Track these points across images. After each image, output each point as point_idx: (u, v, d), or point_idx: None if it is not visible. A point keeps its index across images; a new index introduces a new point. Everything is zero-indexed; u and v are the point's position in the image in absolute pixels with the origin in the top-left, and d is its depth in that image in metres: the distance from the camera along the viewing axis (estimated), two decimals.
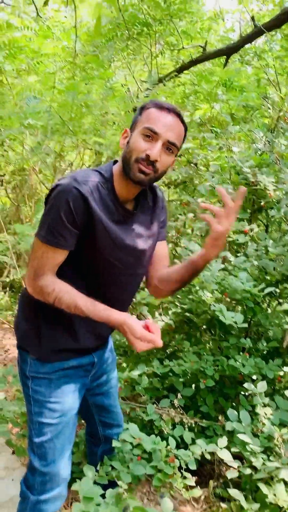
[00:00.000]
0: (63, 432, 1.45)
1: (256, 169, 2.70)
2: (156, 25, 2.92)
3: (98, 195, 1.32)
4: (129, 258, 1.42)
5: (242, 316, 2.02)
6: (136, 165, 1.28)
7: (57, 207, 1.27)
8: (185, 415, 2.22)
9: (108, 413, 1.73)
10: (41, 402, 1.42)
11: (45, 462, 1.42)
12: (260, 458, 1.79)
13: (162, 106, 1.30)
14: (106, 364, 1.66)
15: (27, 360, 1.43)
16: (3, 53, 2.62)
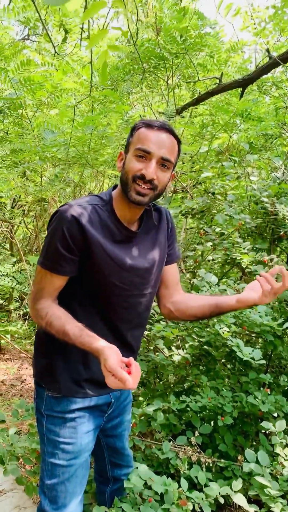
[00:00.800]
0: (76, 475, 1.41)
1: (275, 198, 2.67)
2: (173, 58, 2.98)
3: (97, 217, 1.34)
4: (134, 278, 1.42)
5: (260, 352, 1.95)
6: (134, 186, 1.30)
7: (53, 234, 1.31)
8: (203, 454, 2.13)
9: (118, 455, 1.70)
10: (55, 442, 1.39)
11: (56, 505, 1.38)
12: (279, 503, 1.69)
13: (151, 125, 1.32)
14: (122, 406, 1.63)
15: (43, 397, 1.43)
16: (24, 88, 2.71)
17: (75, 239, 1.29)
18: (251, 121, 3.41)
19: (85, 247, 1.32)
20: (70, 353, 1.40)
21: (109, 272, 1.36)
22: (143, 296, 1.48)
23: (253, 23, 3.90)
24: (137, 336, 1.56)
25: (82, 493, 1.45)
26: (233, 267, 3.15)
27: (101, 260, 1.34)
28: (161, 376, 2.83)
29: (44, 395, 1.42)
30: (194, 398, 2.23)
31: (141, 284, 1.45)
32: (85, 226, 1.29)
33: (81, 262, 1.34)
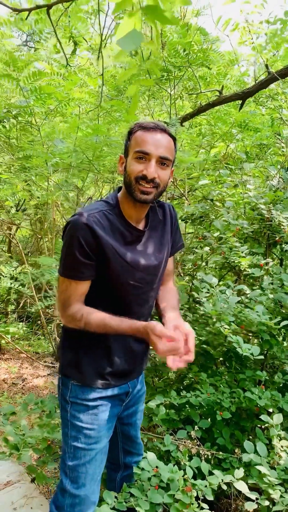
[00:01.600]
0: (96, 459, 1.51)
1: (271, 205, 2.80)
2: (176, 71, 3.12)
3: (107, 222, 1.43)
4: (147, 276, 1.52)
5: (259, 348, 2.07)
6: (137, 186, 1.39)
7: (70, 244, 1.39)
8: (202, 447, 2.24)
9: (131, 443, 1.82)
10: (78, 427, 1.49)
11: (76, 485, 1.48)
12: (278, 490, 1.80)
13: (146, 127, 1.39)
14: (138, 396, 1.75)
15: (68, 385, 1.53)
16: (33, 96, 2.82)
17: (90, 245, 1.38)
18: (248, 131, 3.55)
19: (99, 253, 1.40)
20: (95, 349, 1.52)
21: (124, 274, 1.45)
22: (153, 290, 1.60)
23: (250, 37, 4.06)
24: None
25: (100, 476, 1.56)
26: (229, 270, 3.28)
27: (115, 263, 1.42)
28: (161, 374, 2.93)
29: (69, 383, 1.53)
30: (194, 393, 2.34)
31: (152, 280, 1.56)
32: (98, 233, 1.38)
33: (97, 267, 1.43)
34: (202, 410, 2.43)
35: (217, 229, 2.92)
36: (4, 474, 2.36)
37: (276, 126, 4.08)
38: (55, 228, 4.23)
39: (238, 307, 2.33)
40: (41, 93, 2.75)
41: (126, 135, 1.47)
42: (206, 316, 2.65)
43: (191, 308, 2.85)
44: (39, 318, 5.33)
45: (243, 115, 3.17)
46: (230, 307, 2.28)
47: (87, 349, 1.52)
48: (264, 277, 2.72)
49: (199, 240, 3.16)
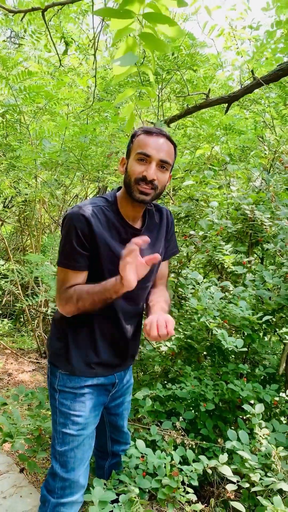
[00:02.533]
0: (84, 444, 1.57)
1: (254, 206, 2.91)
2: (164, 74, 3.21)
3: (104, 217, 1.49)
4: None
5: (242, 341, 2.17)
6: (136, 187, 1.44)
7: (68, 234, 1.45)
8: (186, 437, 2.33)
9: (118, 432, 1.88)
10: (66, 414, 1.56)
11: (66, 469, 1.54)
12: (258, 473, 1.90)
13: (149, 131, 1.46)
14: (125, 387, 1.80)
15: (56, 374, 1.59)
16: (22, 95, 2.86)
17: (86, 236, 1.44)
18: (232, 134, 3.67)
19: (93, 246, 1.45)
20: (82, 340, 1.57)
21: (115, 270, 1.46)
22: (143, 291, 1.66)
23: (235, 43, 4.18)
24: (134, 325, 1.71)
25: (88, 461, 1.62)
26: (213, 268, 3.38)
27: (107, 258, 1.48)
28: (146, 369, 3.01)
29: (58, 373, 1.59)
30: (179, 385, 2.43)
31: (142, 280, 1.57)
32: (94, 226, 1.44)
33: (90, 259, 1.48)
34: (186, 402, 2.52)
35: (202, 228, 3.01)
36: None
37: (259, 130, 4.22)
38: (41, 225, 4.27)
39: (222, 303, 2.42)
40: (29, 92, 2.79)
41: (129, 138, 1.53)
42: (191, 311, 2.74)
43: (176, 304, 2.94)
44: (23, 315, 5.36)
45: (228, 118, 3.28)
46: (215, 303, 2.38)
47: (75, 340, 1.57)
48: (246, 274, 2.82)
49: (184, 239, 3.25)
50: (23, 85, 2.76)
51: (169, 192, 4.12)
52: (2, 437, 1.90)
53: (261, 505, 1.86)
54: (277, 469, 1.91)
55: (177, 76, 3.33)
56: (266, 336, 3.04)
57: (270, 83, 2.81)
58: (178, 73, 3.24)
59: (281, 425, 2.23)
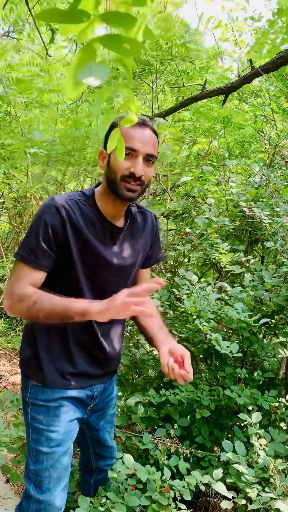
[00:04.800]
0: (60, 462, 1.45)
1: (252, 203, 2.79)
2: (158, 64, 3.08)
3: (79, 211, 1.38)
4: (108, 275, 1.46)
5: (237, 346, 2.05)
6: (123, 184, 1.34)
7: (35, 225, 1.34)
8: (181, 445, 2.22)
9: (102, 447, 1.76)
10: (39, 429, 1.44)
11: (40, 490, 1.42)
12: (255, 489, 1.79)
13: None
14: (107, 401, 1.68)
15: (28, 386, 1.47)
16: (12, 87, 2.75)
17: (56, 231, 1.33)
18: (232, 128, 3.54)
19: (64, 241, 1.35)
20: (54, 347, 1.45)
21: (85, 265, 1.39)
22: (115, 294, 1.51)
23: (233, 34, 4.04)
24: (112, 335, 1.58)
25: (66, 481, 1.50)
26: (211, 267, 3.27)
27: (79, 252, 1.37)
28: (141, 372, 2.91)
29: (29, 384, 1.47)
30: (174, 391, 2.32)
31: (117, 282, 1.48)
32: (66, 219, 1.33)
33: (59, 256, 1.36)
34: (181, 408, 2.41)
35: (199, 226, 2.90)
36: None
37: (258, 124, 4.09)
38: None
39: (217, 304, 2.31)
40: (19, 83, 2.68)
41: (108, 128, 1.40)
42: (186, 313, 2.63)
43: (171, 305, 2.83)
44: None
45: (226, 111, 3.15)
46: (209, 304, 2.26)
47: (46, 347, 1.46)
48: (245, 274, 2.70)
49: (181, 237, 3.14)
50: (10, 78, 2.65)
51: (166, 189, 4.01)
52: None
53: None
54: (276, 483, 1.80)
55: (171, 66, 3.20)
56: (265, 338, 2.92)
57: (269, 72, 2.68)
58: (172, 64, 3.12)
59: (279, 435, 2.11)
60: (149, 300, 1.56)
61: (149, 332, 1.55)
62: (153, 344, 1.52)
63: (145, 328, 1.58)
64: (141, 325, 1.61)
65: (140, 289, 1.22)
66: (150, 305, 1.47)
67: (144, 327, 1.59)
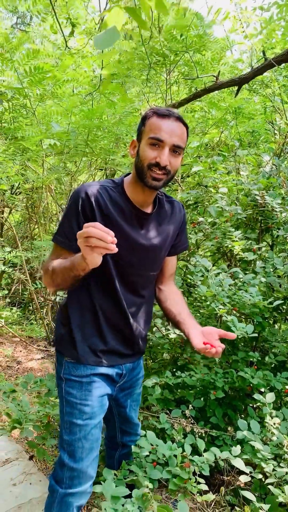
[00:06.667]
0: (92, 433, 1.53)
1: (264, 191, 2.85)
2: (172, 56, 3.13)
3: (108, 195, 1.46)
4: (137, 257, 1.53)
5: (252, 327, 2.13)
6: (149, 172, 1.40)
7: (67, 211, 1.46)
8: (196, 425, 2.31)
9: (128, 423, 1.84)
10: (72, 403, 1.52)
11: (74, 459, 1.51)
12: (270, 464, 1.88)
13: (162, 114, 1.40)
14: (135, 380, 1.76)
15: (62, 363, 1.56)
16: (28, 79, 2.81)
17: (86, 215, 1.42)
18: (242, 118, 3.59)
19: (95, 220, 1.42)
20: (86, 326, 1.54)
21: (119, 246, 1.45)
22: (140, 277, 1.60)
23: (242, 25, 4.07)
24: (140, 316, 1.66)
25: (97, 452, 1.58)
26: (223, 256, 3.34)
27: None
28: (155, 356, 2.99)
29: (64, 361, 1.56)
30: (189, 373, 2.41)
31: (142, 264, 1.56)
32: (95, 203, 1.42)
33: None
34: (196, 391, 2.50)
35: (211, 215, 2.96)
36: (3, 452, 2.40)
37: (268, 114, 4.12)
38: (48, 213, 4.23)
39: (232, 289, 2.38)
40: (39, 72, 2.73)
41: (140, 120, 1.47)
42: (200, 299, 2.70)
43: (184, 292, 2.90)
44: (31, 303, 5.36)
45: (237, 101, 3.20)
46: (224, 289, 2.34)
47: (79, 326, 1.54)
48: (256, 261, 2.77)
49: (193, 226, 3.21)
50: (28, 67, 2.71)
51: (177, 179, 4.07)
52: (11, 423, 1.89)
53: (272, 494, 1.84)
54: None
55: (185, 58, 3.25)
56: (276, 324, 2.99)
57: (282, 63, 2.72)
58: (186, 55, 3.16)
59: None
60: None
61: (176, 316, 1.62)
62: (181, 327, 1.57)
63: (172, 312, 1.65)
64: (167, 309, 1.68)
65: (93, 227, 1.11)
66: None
67: (170, 311, 1.66)
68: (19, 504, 2.04)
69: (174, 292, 1.75)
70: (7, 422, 2.50)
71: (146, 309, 1.69)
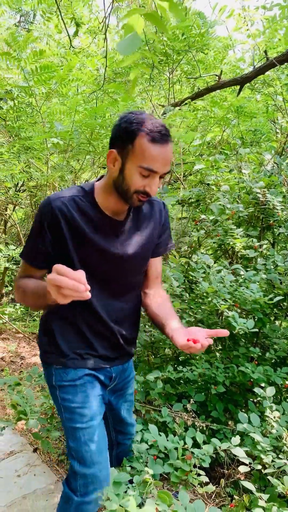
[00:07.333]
0: (96, 435, 1.49)
1: (266, 190, 2.88)
2: (175, 55, 3.17)
3: (75, 206, 1.37)
4: (115, 268, 1.46)
5: (253, 322, 2.17)
6: (135, 196, 1.32)
7: (33, 228, 1.40)
8: (197, 419, 2.35)
9: (122, 424, 1.80)
10: (70, 408, 1.49)
11: (84, 464, 1.46)
12: (270, 455, 1.92)
13: (156, 139, 1.24)
14: (126, 381, 1.73)
15: (52, 372, 1.53)
16: (34, 78, 2.85)
17: (52, 231, 1.35)
18: (244, 117, 3.62)
19: (61, 238, 1.36)
20: (69, 334, 1.51)
21: (85, 261, 1.39)
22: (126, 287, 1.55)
23: (246, 24, 4.10)
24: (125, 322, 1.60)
25: (106, 453, 1.53)
26: (224, 253, 3.37)
27: (77, 248, 1.38)
28: (157, 352, 3.03)
29: (52, 368, 1.53)
30: (190, 368, 2.45)
31: (123, 273, 1.49)
32: (61, 217, 1.34)
33: (58, 253, 1.39)
34: (197, 385, 2.54)
35: (213, 213, 3.00)
36: (8, 445, 2.45)
37: (270, 113, 4.16)
38: None
39: (233, 285, 2.42)
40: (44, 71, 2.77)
41: (124, 129, 1.28)
42: (201, 295, 2.74)
43: (186, 288, 2.94)
44: None
45: (239, 100, 3.24)
46: (225, 286, 2.37)
47: (63, 334, 1.51)
48: (258, 259, 2.81)
49: (195, 224, 3.24)
50: (34, 66, 2.75)
51: (179, 177, 4.11)
52: (16, 415, 1.93)
53: (271, 486, 1.88)
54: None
55: (187, 57, 3.28)
56: (276, 320, 3.03)
57: (284, 63, 2.75)
58: (189, 54, 3.20)
59: None
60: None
61: (161, 320, 1.50)
62: (165, 330, 1.44)
63: (158, 316, 1.54)
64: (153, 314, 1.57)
65: (66, 271, 1.06)
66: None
67: (156, 316, 1.55)
68: (24, 494, 2.09)
69: (161, 296, 1.65)
70: (12, 415, 2.55)
71: (132, 313, 1.63)
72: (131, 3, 3.22)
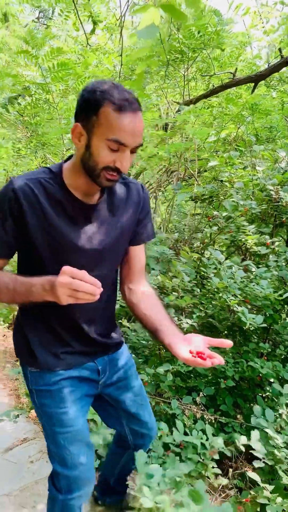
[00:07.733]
0: (77, 439, 1.43)
1: (279, 187, 2.89)
2: (190, 52, 3.19)
3: (42, 189, 1.23)
4: (86, 259, 1.31)
5: (262, 317, 2.19)
6: (104, 173, 1.17)
7: None
8: (206, 412, 2.39)
9: (137, 421, 1.63)
10: (48, 414, 1.41)
11: (66, 467, 1.42)
12: (283, 452, 1.94)
13: (123, 107, 1.09)
14: (123, 371, 1.58)
15: (27, 374, 1.43)
16: (51, 74, 2.91)
17: (14, 217, 1.22)
18: (259, 114, 3.63)
19: (25, 227, 1.23)
20: (42, 332, 1.40)
21: (53, 252, 1.27)
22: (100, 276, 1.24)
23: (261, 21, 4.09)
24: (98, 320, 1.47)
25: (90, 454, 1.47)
26: (237, 249, 3.40)
27: (45, 237, 1.25)
28: None
29: (28, 372, 1.42)
30: None
31: (95, 266, 1.33)
32: (25, 202, 1.21)
33: (22, 242, 1.27)
34: (206, 379, 2.58)
35: (226, 209, 3.02)
36: (21, 432, 2.53)
37: (286, 110, 4.15)
38: None
39: (244, 281, 2.45)
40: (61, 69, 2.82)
41: (87, 100, 1.13)
42: (213, 291, 2.77)
43: (198, 284, 2.98)
44: None
45: (254, 97, 3.25)
46: (236, 281, 2.40)
47: (36, 335, 1.40)
48: (270, 256, 2.83)
49: (208, 220, 3.27)
50: (51, 63, 2.80)
51: (194, 174, 4.13)
52: (30, 403, 2.00)
53: (278, 479, 1.91)
54: None
55: (203, 55, 3.30)
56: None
57: None
58: (204, 52, 3.22)
59: None
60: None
61: (154, 323, 1.34)
62: (159, 336, 1.29)
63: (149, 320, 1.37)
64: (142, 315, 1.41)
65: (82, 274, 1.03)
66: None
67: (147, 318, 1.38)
68: (36, 479, 2.16)
69: (149, 294, 1.47)
70: (26, 404, 2.62)
71: (106, 308, 1.50)
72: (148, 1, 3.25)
